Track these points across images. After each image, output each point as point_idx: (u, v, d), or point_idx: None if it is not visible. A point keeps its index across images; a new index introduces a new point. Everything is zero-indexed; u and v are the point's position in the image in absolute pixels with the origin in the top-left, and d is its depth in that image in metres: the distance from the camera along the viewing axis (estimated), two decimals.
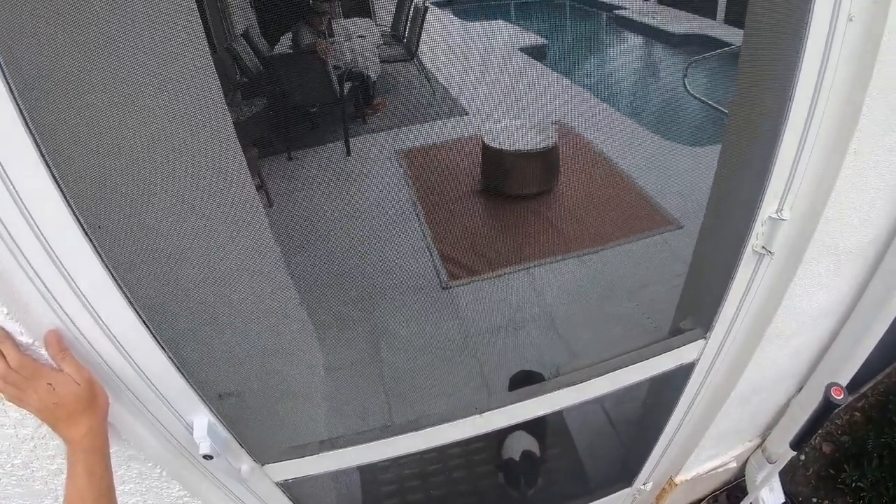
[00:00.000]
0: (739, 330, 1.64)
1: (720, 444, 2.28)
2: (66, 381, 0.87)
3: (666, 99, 6.19)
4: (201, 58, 1.72)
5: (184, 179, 1.66)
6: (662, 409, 2.00)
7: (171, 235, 1.56)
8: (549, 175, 4.60)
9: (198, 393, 1.09)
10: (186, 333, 1.39)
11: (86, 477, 0.89)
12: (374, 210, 4.56)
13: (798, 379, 2.04)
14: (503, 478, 2.48)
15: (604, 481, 2.62)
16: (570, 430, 2.94)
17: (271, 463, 1.40)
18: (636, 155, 5.11)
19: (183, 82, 1.62)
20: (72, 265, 0.83)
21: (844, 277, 1.57)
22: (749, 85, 1.27)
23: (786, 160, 1.20)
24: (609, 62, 6.45)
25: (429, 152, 5.24)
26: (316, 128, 5.44)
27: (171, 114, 1.56)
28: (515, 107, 4.90)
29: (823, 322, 1.75)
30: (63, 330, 0.88)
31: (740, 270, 1.43)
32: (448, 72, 5.69)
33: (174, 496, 1.27)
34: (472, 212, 4.61)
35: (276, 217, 4.15)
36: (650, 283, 3.70)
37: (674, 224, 4.16)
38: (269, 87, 5.21)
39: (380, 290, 3.80)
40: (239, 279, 2.07)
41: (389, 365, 3.32)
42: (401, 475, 2.76)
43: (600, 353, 1.62)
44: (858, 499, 2.66)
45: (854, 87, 1.09)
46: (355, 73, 5.39)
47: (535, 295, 3.73)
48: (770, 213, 1.29)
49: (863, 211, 1.35)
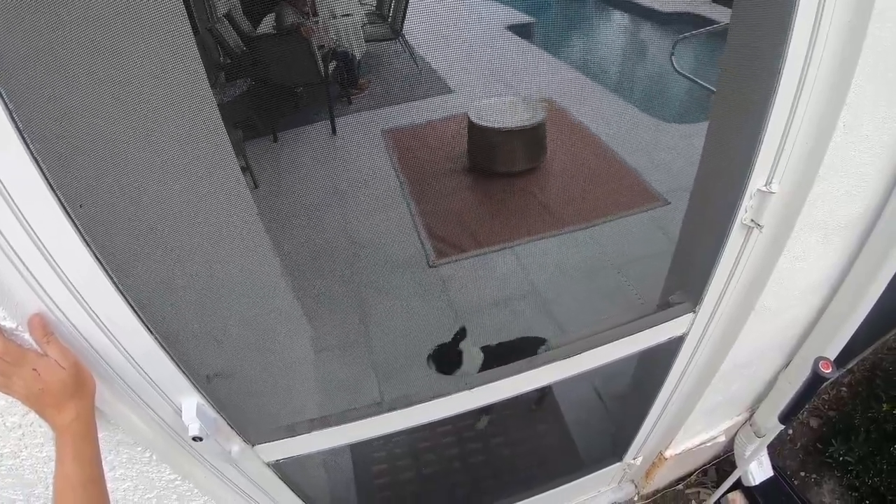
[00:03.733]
0: (728, 304, 1.64)
1: (709, 419, 2.30)
2: (52, 367, 0.86)
3: (653, 76, 6.17)
4: (184, 39, 1.69)
5: (169, 162, 1.64)
6: (652, 384, 2.01)
7: (156, 219, 1.54)
8: (535, 152, 4.60)
9: (186, 374, 1.08)
10: (173, 314, 1.37)
11: (74, 463, 0.87)
12: (360, 189, 4.55)
13: (786, 353, 2.05)
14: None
15: (594, 456, 2.64)
16: (559, 406, 2.96)
17: (262, 443, 1.40)
18: (623, 132, 5.12)
19: (165, 64, 1.59)
20: (54, 246, 0.81)
21: (833, 252, 1.57)
22: (738, 57, 1.26)
23: (775, 133, 1.19)
24: (596, 40, 6.41)
25: (415, 131, 5.21)
26: (301, 108, 5.40)
27: (154, 96, 1.54)
28: (502, 85, 4.87)
29: (812, 296, 1.76)
30: (47, 313, 0.87)
31: (729, 244, 1.43)
32: (433, 51, 5.64)
33: (165, 480, 1.26)
34: (458, 190, 4.61)
35: (262, 198, 4.13)
36: (638, 258, 3.72)
37: (661, 200, 4.18)
38: (253, 69, 5.15)
39: (367, 268, 3.80)
40: (226, 260, 2.06)
41: (378, 343, 3.33)
42: (392, 454, 2.77)
43: (589, 328, 1.62)
44: (846, 473, 2.70)
45: (844, 60, 1.09)
46: (339, 53, 5.34)
47: (523, 271, 3.74)
48: (759, 187, 1.29)
49: (852, 185, 1.35)
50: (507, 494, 2.44)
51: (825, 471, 2.79)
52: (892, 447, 2.52)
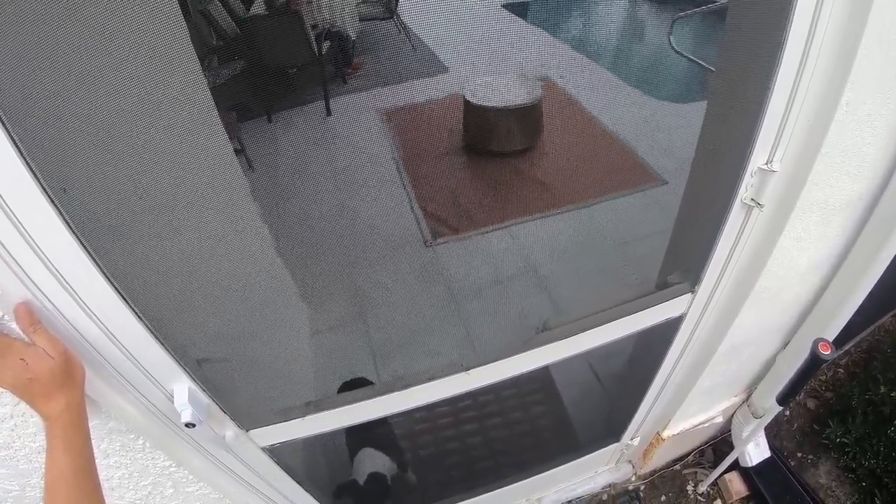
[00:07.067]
0: (727, 284, 1.63)
1: (707, 400, 2.30)
2: (40, 356, 0.84)
3: (651, 55, 6.13)
4: (175, 22, 1.66)
5: (158, 145, 1.61)
6: (650, 365, 2.01)
7: (144, 202, 1.52)
8: (532, 131, 4.57)
9: (176, 360, 1.06)
10: (163, 299, 1.36)
11: (65, 453, 0.86)
12: (356, 170, 4.53)
13: (785, 334, 2.04)
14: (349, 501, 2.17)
15: (593, 436, 2.65)
16: (557, 386, 2.97)
17: (256, 428, 1.38)
18: (620, 111, 5.09)
19: (156, 48, 1.56)
20: (38, 232, 0.79)
21: (834, 232, 1.56)
22: (738, 33, 1.23)
23: (776, 111, 1.17)
24: (593, 18, 6.35)
25: (411, 111, 5.18)
26: (295, 89, 5.35)
27: (145, 81, 1.51)
28: (498, 63, 4.83)
29: (812, 277, 1.74)
30: (34, 301, 0.85)
31: (729, 223, 1.41)
32: (429, 30, 5.60)
33: (160, 467, 1.25)
34: (454, 169, 4.59)
35: (258, 180, 4.11)
36: (636, 238, 3.71)
37: (658, 180, 4.17)
38: (246, 50, 5.09)
39: (363, 249, 3.79)
40: (220, 243, 2.04)
41: (374, 324, 3.33)
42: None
43: (587, 308, 1.61)
44: (843, 454, 2.70)
45: (847, 37, 1.06)
46: (333, 33, 5.28)
47: (520, 251, 3.74)
48: (760, 165, 1.27)
49: (854, 164, 1.33)
50: (504, 475, 2.45)
51: (822, 452, 2.80)
52: (888, 429, 2.52)
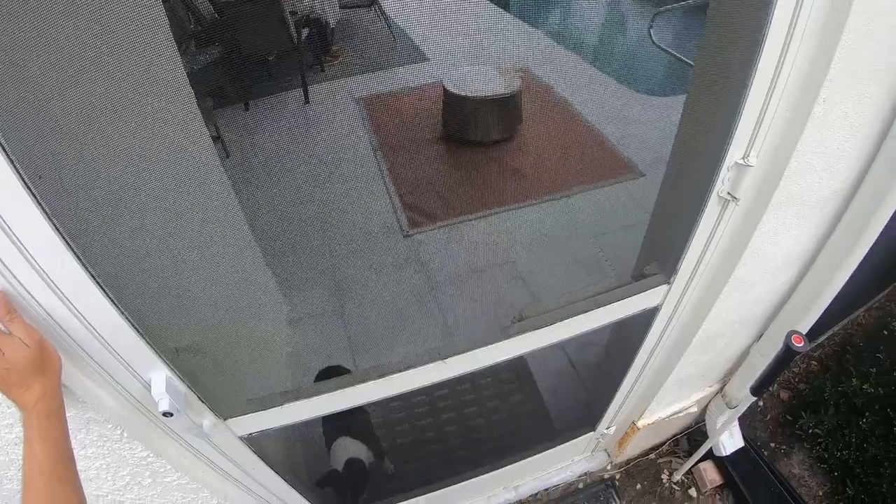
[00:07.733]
0: (703, 276, 1.65)
1: (682, 389, 2.33)
2: (16, 345, 0.83)
3: (631, 49, 6.15)
4: (152, 5, 1.64)
5: (134, 131, 1.59)
6: (626, 354, 2.03)
7: (120, 190, 1.50)
8: (510, 122, 4.58)
9: (153, 348, 1.05)
10: (139, 287, 1.34)
11: (42, 442, 0.86)
12: (333, 158, 4.50)
13: (759, 326, 2.07)
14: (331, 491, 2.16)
15: (569, 425, 2.67)
16: (534, 376, 2.98)
17: (234, 417, 1.38)
18: (600, 104, 5.11)
19: (133, 32, 1.54)
20: (13, 220, 0.78)
21: (808, 226, 1.58)
22: (718, 29, 1.24)
23: (754, 106, 1.18)
24: (574, 11, 6.35)
25: (389, 99, 5.17)
26: (273, 76, 5.31)
27: (121, 66, 1.49)
28: (478, 54, 4.84)
29: (786, 270, 1.77)
30: (9, 290, 0.84)
31: (705, 216, 1.43)
32: (409, 18, 5.57)
33: (137, 457, 1.24)
34: (433, 159, 4.59)
35: (233, 167, 4.07)
36: (613, 229, 3.74)
37: (636, 172, 4.20)
38: (224, 35, 5.03)
39: (341, 238, 3.78)
40: (196, 232, 2.02)
41: (352, 313, 3.33)
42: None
43: (564, 298, 1.61)
44: (815, 445, 2.75)
45: (826, 35, 1.07)
46: (313, 20, 5.24)
47: (497, 241, 3.76)
48: (737, 159, 1.29)
49: (830, 161, 1.35)
50: (479, 465, 2.46)
51: (795, 442, 2.84)
52: (860, 421, 2.57)
